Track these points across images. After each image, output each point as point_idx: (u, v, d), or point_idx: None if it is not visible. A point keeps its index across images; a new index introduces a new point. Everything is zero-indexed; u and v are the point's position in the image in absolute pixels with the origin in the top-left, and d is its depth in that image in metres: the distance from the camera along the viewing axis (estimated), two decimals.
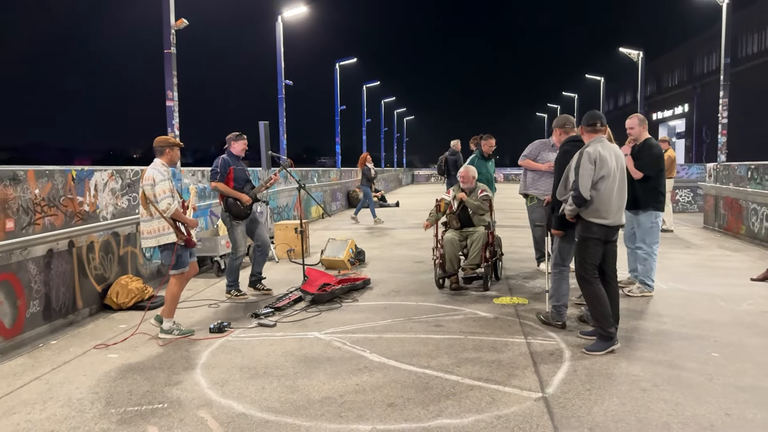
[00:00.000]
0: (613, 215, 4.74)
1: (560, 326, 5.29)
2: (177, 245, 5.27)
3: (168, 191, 5.15)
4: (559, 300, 5.34)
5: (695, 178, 17.41)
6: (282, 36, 17.36)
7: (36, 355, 4.95)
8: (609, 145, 4.82)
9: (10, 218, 5.12)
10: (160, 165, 5.30)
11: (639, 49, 24.03)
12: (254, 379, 4.26)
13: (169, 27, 8.83)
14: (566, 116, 5.59)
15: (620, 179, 4.79)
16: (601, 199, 4.68)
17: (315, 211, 16.84)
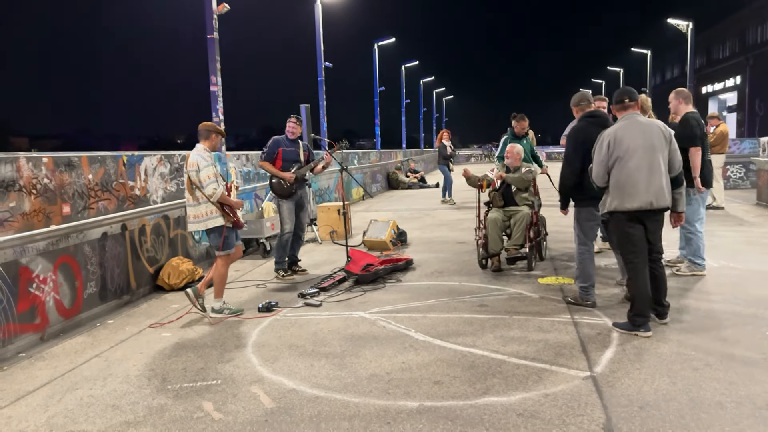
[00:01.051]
0: (640, 198, 4.43)
1: (590, 305, 5.24)
2: (225, 227, 5.37)
3: (213, 176, 5.24)
4: (585, 280, 5.28)
5: (748, 153, 16.74)
6: (321, 18, 17.36)
7: (94, 334, 5.18)
8: (636, 122, 4.57)
9: (67, 203, 5.33)
10: (203, 150, 5.39)
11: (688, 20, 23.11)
12: (303, 357, 4.36)
13: (211, 12, 8.95)
14: (582, 93, 5.48)
15: (641, 157, 4.44)
16: (620, 183, 4.47)
17: (356, 192, 16.93)
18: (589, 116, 5.23)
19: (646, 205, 4.44)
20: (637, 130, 4.53)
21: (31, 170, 4.94)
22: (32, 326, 4.84)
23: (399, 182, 21.76)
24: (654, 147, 4.48)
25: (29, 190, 4.90)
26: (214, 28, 9.02)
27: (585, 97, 5.41)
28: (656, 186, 4.45)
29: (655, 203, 4.46)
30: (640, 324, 4.50)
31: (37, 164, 5.01)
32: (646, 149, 4.47)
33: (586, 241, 5.29)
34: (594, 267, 5.35)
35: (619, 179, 4.49)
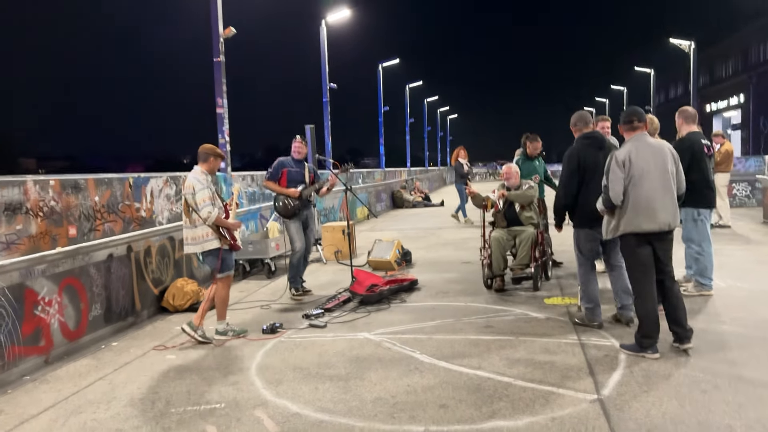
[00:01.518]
0: (658, 220, 4.41)
1: (597, 326, 5.20)
2: (222, 250, 5.34)
3: (208, 199, 5.20)
4: (590, 301, 5.25)
5: (753, 171, 16.70)
6: (326, 40, 17.54)
7: (99, 356, 5.17)
8: (647, 142, 4.58)
9: (73, 225, 5.36)
10: (200, 173, 5.35)
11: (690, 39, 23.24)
12: (307, 380, 4.33)
13: (217, 36, 9.06)
14: (580, 114, 5.45)
15: (655, 179, 4.44)
16: (635, 205, 4.43)
17: (360, 212, 16.95)
18: (585, 137, 5.26)
19: (664, 227, 4.43)
20: (648, 152, 4.52)
21: (38, 193, 4.97)
22: (37, 349, 4.83)
23: (404, 201, 21.78)
24: (666, 168, 4.50)
25: (36, 213, 4.94)
26: (221, 52, 9.13)
27: (582, 117, 5.41)
28: (670, 207, 4.47)
29: (672, 224, 4.47)
30: (648, 346, 4.45)
31: (44, 187, 5.05)
32: (659, 171, 4.47)
33: (586, 262, 5.28)
34: (598, 287, 5.32)
35: (634, 201, 4.44)
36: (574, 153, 5.17)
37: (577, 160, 5.10)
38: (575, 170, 5.10)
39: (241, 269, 8.61)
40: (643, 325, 4.49)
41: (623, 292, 5.17)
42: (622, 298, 5.23)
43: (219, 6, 9.09)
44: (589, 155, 5.11)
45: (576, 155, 5.14)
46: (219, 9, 9.07)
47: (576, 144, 5.25)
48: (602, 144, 5.20)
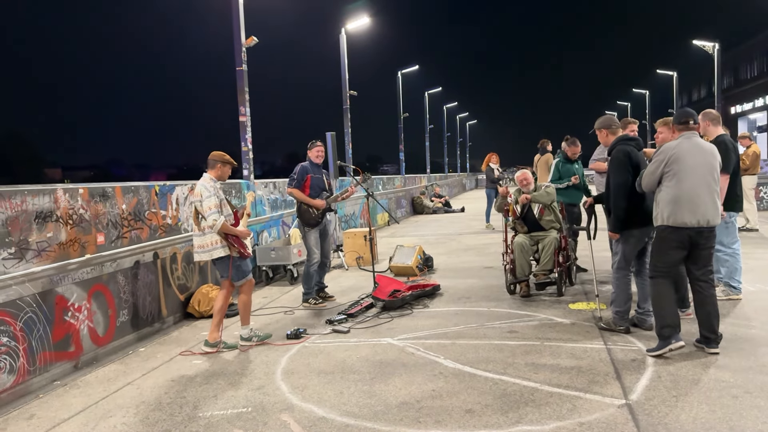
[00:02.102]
0: (697, 215, 4.47)
1: (623, 331, 5.16)
2: (232, 257, 5.32)
3: (214, 207, 5.16)
4: (621, 306, 5.20)
5: None
6: (346, 48, 17.65)
7: (127, 362, 5.24)
8: (697, 142, 4.66)
9: (101, 232, 5.46)
10: (208, 180, 5.34)
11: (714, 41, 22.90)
12: (332, 384, 4.35)
13: (240, 45, 9.17)
14: (609, 117, 5.48)
15: (701, 176, 4.53)
16: (678, 198, 4.50)
17: (381, 218, 16.98)
18: (628, 139, 5.22)
19: (704, 222, 4.51)
20: (698, 150, 4.63)
21: (68, 201, 5.08)
22: (67, 354, 4.92)
23: (424, 207, 21.76)
24: (712, 167, 4.61)
25: (66, 221, 5.04)
26: (243, 61, 9.24)
27: (614, 120, 5.43)
28: (712, 205, 4.55)
29: (711, 221, 4.54)
30: (669, 335, 4.49)
31: (73, 195, 5.15)
32: (705, 169, 4.58)
33: (626, 266, 5.21)
34: (631, 293, 5.25)
35: (676, 195, 4.52)
36: (625, 153, 5.03)
37: (629, 161, 5.00)
38: (629, 170, 4.98)
39: (264, 275, 8.68)
40: (657, 318, 4.60)
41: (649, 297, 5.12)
42: (648, 303, 5.17)
43: (241, 16, 9.21)
44: (636, 156, 5.05)
45: (628, 155, 5.01)
46: (241, 19, 9.19)
47: (621, 146, 5.14)
48: (641, 147, 5.23)
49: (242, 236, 5.42)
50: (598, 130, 5.52)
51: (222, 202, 5.32)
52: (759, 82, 46.42)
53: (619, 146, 5.15)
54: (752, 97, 47.65)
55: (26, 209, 4.65)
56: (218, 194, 5.29)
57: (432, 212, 21.61)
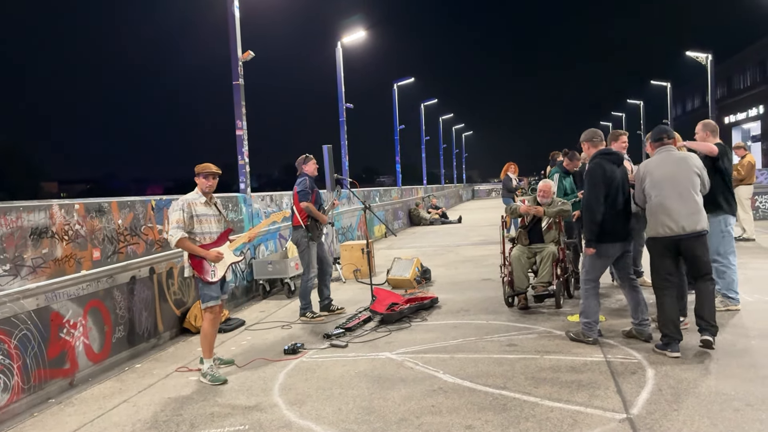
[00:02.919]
0: (668, 224, 4.80)
1: (591, 342, 5.20)
2: (193, 278, 5.06)
3: (175, 222, 4.90)
4: (588, 316, 5.24)
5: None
6: (342, 61, 17.73)
7: (123, 378, 5.19)
8: (670, 155, 5.00)
9: (97, 248, 5.43)
10: (192, 194, 5.10)
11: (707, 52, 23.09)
12: (330, 400, 4.31)
13: (236, 60, 9.20)
14: (593, 130, 5.51)
15: (673, 186, 4.85)
16: (654, 211, 4.89)
17: (378, 230, 16.96)
18: (606, 153, 5.29)
19: (678, 230, 4.79)
20: (672, 161, 4.96)
21: (64, 217, 5.05)
22: (62, 371, 4.87)
23: (421, 218, 21.76)
24: (687, 176, 4.90)
25: (61, 237, 5.01)
26: (240, 75, 9.26)
27: (597, 134, 5.47)
28: (690, 212, 4.80)
29: (688, 228, 4.79)
30: (667, 343, 4.81)
31: (69, 211, 5.13)
32: (680, 178, 4.88)
33: (594, 278, 5.27)
34: (599, 303, 5.33)
35: (654, 208, 4.90)
36: (599, 167, 5.14)
37: (601, 174, 5.09)
38: (601, 184, 5.07)
39: (261, 289, 8.64)
40: (661, 327, 4.90)
41: (639, 306, 5.22)
42: (639, 313, 5.21)
43: (237, 30, 9.24)
44: (611, 170, 5.11)
45: (602, 169, 5.11)
46: (237, 33, 9.22)
47: (598, 159, 5.22)
48: (620, 161, 5.29)
49: (208, 258, 4.96)
50: (582, 143, 5.56)
51: (200, 218, 5.00)
52: (752, 92, 46.77)
53: (596, 160, 5.21)
54: (746, 107, 47.99)
55: (21, 225, 4.62)
56: (192, 210, 4.97)
57: (429, 223, 21.61)
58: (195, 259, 4.99)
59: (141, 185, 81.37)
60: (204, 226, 5.04)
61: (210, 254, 4.98)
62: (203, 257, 4.97)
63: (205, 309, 5.07)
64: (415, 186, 28.14)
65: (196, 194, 5.11)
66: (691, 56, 23.36)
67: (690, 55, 23.35)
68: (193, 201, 5.03)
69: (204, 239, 5.03)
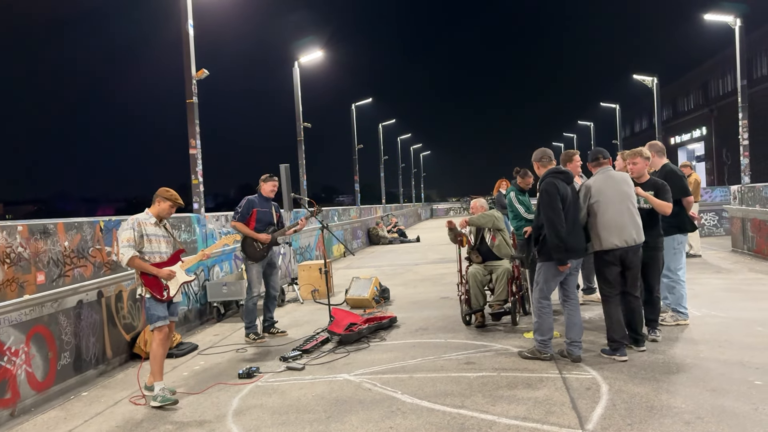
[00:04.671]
0: (619, 237, 5.17)
1: (547, 359, 5.27)
2: (144, 298, 4.98)
3: (125, 240, 4.85)
4: (544, 333, 5.31)
5: (719, 201, 17.15)
6: (299, 80, 17.71)
7: (68, 407, 4.96)
8: (610, 175, 5.39)
9: (41, 271, 5.21)
10: (143, 214, 5.06)
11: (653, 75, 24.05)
12: (286, 426, 4.21)
13: (190, 77, 9.07)
14: (544, 149, 5.65)
15: (620, 202, 5.24)
16: (604, 225, 5.21)
17: (336, 249, 16.87)
18: (558, 172, 5.39)
19: (631, 241, 5.20)
20: (613, 181, 5.36)
21: (5, 239, 4.83)
22: (2, 401, 4.61)
23: (380, 237, 21.78)
24: (628, 194, 5.33)
25: (2, 260, 4.78)
26: (194, 93, 9.13)
27: (547, 153, 5.58)
28: (634, 226, 5.25)
29: (637, 240, 5.24)
30: (615, 348, 5.21)
31: (11, 233, 4.91)
32: (622, 196, 5.29)
33: (547, 296, 5.34)
34: (552, 320, 5.38)
35: (603, 223, 5.22)
36: (553, 185, 5.21)
37: (556, 192, 5.16)
38: (558, 201, 5.13)
39: (216, 312, 8.44)
40: (609, 332, 5.28)
41: (576, 327, 5.29)
42: (573, 333, 5.27)
43: (191, 48, 9.13)
44: (563, 188, 5.22)
45: (555, 187, 5.19)
46: (192, 51, 9.11)
47: (550, 178, 5.31)
48: (570, 179, 5.41)
49: (160, 276, 4.93)
50: (533, 162, 5.68)
51: (149, 237, 4.96)
52: (695, 114, 48.85)
53: (548, 179, 5.31)
54: (690, 128, 50.05)
55: None
56: (142, 229, 4.93)
57: (388, 243, 21.65)
58: (147, 277, 4.92)
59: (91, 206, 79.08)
60: (154, 245, 4.99)
61: (162, 272, 4.95)
62: (155, 275, 4.91)
63: (153, 330, 4.98)
64: (374, 205, 28.18)
65: (146, 215, 5.06)
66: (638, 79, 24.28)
67: (637, 78, 24.27)
68: (144, 221, 5.00)
69: (154, 258, 4.97)
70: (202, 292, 8.32)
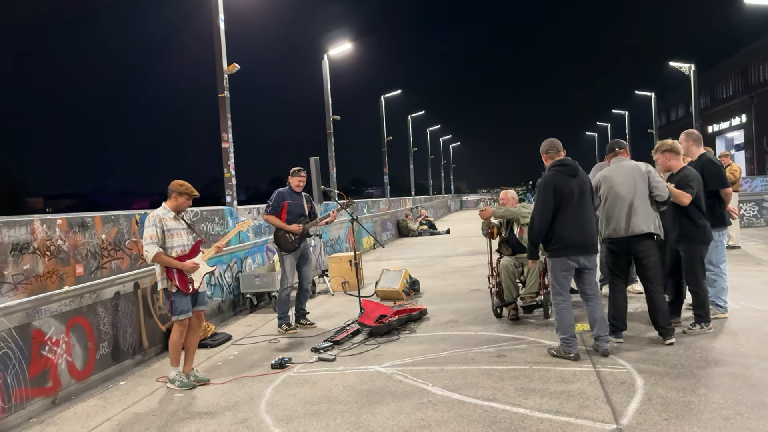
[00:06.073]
0: (624, 226, 5.22)
1: (573, 358, 5.09)
2: (170, 291, 5.10)
3: (149, 238, 4.99)
4: (565, 331, 5.17)
5: (760, 190, 16.67)
6: (328, 73, 17.75)
7: (107, 396, 5.09)
8: (621, 165, 5.43)
9: (80, 263, 5.34)
10: (161, 209, 5.19)
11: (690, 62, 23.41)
12: (318, 416, 4.25)
13: (222, 72, 9.17)
14: (551, 140, 5.55)
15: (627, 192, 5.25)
16: (608, 215, 5.32)
17: (366, 241, 16.92)
18: (559, 165, 5.27)
19: (637, 231, 5.21)
20: (622, 170, 5.39)
21: (46, 232, 4.97)
22: (44, 390, 4.77)
23: (409, 230, 21.75)
24: (636, 183, 5.28)
25: (43, 252, 4.92)
26: (225, 87, 9.23)
27: (553, 145, 5.47)
28: (640, 216, 5.21)
29: (644, 230, 5.20)
30: (613, 331, 5.40)
31: (51, 226, 5.05)
32: (628, 185, 5.28)
33: (561, 291, 5.22)
34: (573, 317, 5.24)
35: (605, 210, 5.35)
36: (550, 181, 5.16)
37: (553, 188, 5.11)
38: (551, 198, 5.09)
39: (249, 303, 8.56)
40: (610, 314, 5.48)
41: (600, 322, 5.20)
42: (599, 328, 5.19)
43: (223, 42, 9.23)
44: (564, 183, 5.11)
45: (552, 183, 5.13)
46: (223, 45, 9.21)
47: (550, 172, 5.25)
48: (575, 172, 5.23)
49: (186, 270, 5.09)
50: (542, 155, 5.59)
51: (170, 232, 5.09)
52: (734, 102, 47.46)
53: (550, 171, 5.24)
54: (729, 116, 48.66)
55: (2, 241, 4.54)
56: (163, 225, 5.07)
57: (417, 235, 21.62)
58: (172, 272, 5.07)
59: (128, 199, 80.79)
60: (175, 239, 5.14)
61: (186, 265, 5.11)
62: (180, 269, 5.06)
63: (176, 321, 5.14)
64: (403, 197, 28.16)
65: (165, 210, 5.20)
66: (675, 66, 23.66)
67: (673, 66, 23.66)
68: (163, 216, 5.14)
69: (176, 252, 5.11)
70: (235, 283, 8.45)
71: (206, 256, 5.37)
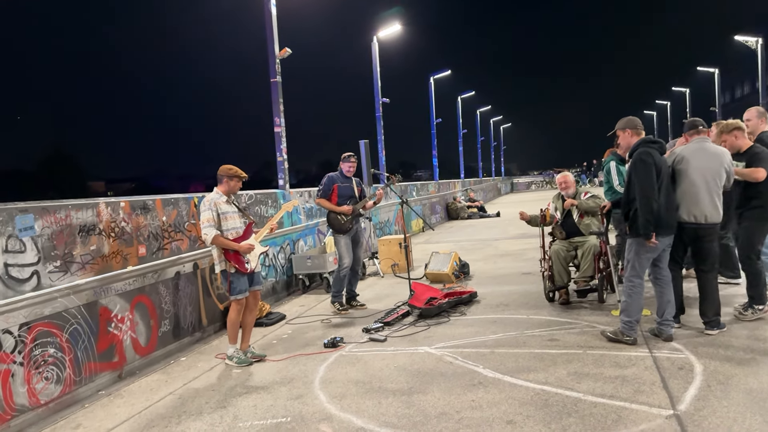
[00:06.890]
0: (692, 211, 5.00)
1: (630, 342, 4.96)
2: (229, 273, 5.28)
3: (206, 221, 5.16)
4: (630, 315, 5.00)
5: None
6: (378, 55, 17.72)
7: (168, 371, 5.33)
8: (704, 146, 5.11)
9: (142, 244, 5.58)
10: (214, 194, 5.35)
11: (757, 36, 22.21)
12: (370, 394, 4.33)
13: (274, 57, 9.29)
14: (631, 117, 5.33)
15: (702, 176, 4.99)
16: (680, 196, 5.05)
17: (416, 224, 16.94)
18: (653, 141, 5.06)
19: (701, 219, 5.01)
20: (703, 153, 5.09)
21: (110, 214, 5.20)
22: (111, 364, 5.03)
23: (458, 212, 21.64)
24: (715, 170, 5.03)
25: (108, 234, 5.16)
26: (277, 72, 9.35)
27: (637, 122, 5.28)
28: (710, 204, 5.01)
29: (710, 218, 5.01)
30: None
31: (115, 209, 5.28)
32: (705, 171, 5.02)
33: (640, 273, 5.04)
34: (643, 301, 5.08)
35: (680, 193, 5.05)
36: (649, 155, 4.89)
37: (653, 162, 4.86)
38: (653, 173, 4.84)
39: (301, 284, 8.74)
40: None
41: (668, 305, 5.04)
42: (666, 311, 5.03)
43: (274, 28, 9.33)
44: (660, 160, 4.92)
45: (651, 157, 4.87)
46: (274, 30, 9.31)
47: (645, 147, 4.98)
48: (663, 150, 5.10)
49: (242, 251, 5.26)
50: (621, 131, 5.34)
51: (225, 215, 5.26)
52: None
53: (642, 148, 4.97)
54: None
55: (70, 223, 4.78)
56: (218, 208, 5.23)
57: (467, 217, 21.48)
58: (229, 253, 5.25)
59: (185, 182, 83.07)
60: (229, 222, 5.31)
61: (243, 246, 5.28)
62: (237, 250, 5.23)
63: (234, 300, 5.33)
64: (452, 180, 27.98)
65: (217, 194, 5.37)
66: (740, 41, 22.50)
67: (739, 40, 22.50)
68: (217, 200, 5.30)
69: (231, 234, 5.29)
70: (288, 264, 8.64)
71: (259, 237, 5.54)
